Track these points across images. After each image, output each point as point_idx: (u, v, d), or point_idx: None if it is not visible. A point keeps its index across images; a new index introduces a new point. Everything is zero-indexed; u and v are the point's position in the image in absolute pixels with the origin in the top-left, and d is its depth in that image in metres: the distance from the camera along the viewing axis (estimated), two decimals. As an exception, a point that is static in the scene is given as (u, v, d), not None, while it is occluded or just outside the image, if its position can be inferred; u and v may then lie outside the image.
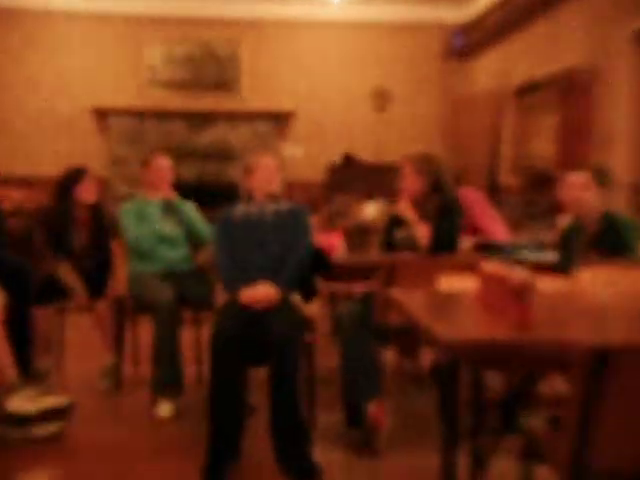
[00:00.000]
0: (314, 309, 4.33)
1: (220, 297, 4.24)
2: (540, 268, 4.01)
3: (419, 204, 4.38)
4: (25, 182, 10.51)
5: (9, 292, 4.62)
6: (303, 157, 10.96)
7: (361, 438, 4.02)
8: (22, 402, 4.05)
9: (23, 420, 4.04)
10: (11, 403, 4.05)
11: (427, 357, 5.02)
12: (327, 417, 4.31)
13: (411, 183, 4.40)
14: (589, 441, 2.11)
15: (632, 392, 2.09)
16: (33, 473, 3.84)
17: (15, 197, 8.02)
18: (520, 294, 2.53)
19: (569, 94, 7.56)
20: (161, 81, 10.89)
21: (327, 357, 4.55)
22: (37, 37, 10.72)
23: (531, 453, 2.59)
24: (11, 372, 4.14)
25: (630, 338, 2.51)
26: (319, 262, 4.28)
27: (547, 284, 3.33)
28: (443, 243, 4.29)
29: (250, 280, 4.00)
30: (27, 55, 10.72)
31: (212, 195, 9.61)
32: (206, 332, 3.94)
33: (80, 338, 5.78)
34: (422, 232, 4.33)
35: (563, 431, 2.17)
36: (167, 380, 4.51)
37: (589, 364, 2.04)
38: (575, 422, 2.11)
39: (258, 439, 3.88)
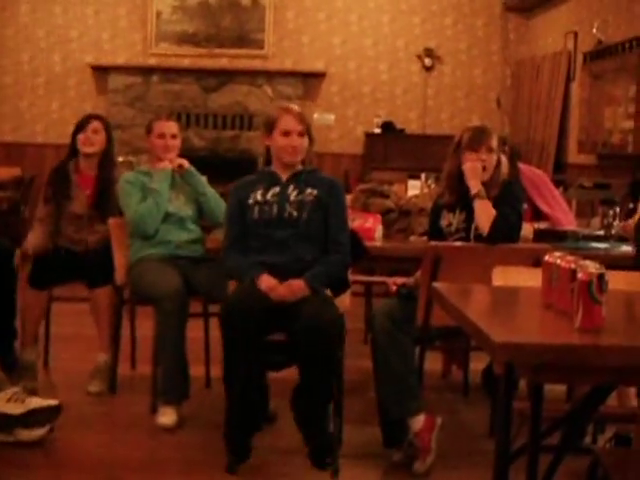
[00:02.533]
0: (345, 304, 4.33)
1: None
2: (613, 262, 4.00)
3: (484, 184, 4.34)
4: (13, 149, 10.65)
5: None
6: (336, 125, 10.95)
7: (402, 459, 4.03)
8: (5, 402, 4.10)
9: (6, 422, 4.08)
10: None
11: (479, 364, 5.01)
12: (360, 434, 4.33)
13: (496, 159, 4.36)
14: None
15: None
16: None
17: None
18: (590, 292, 2.52)
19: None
20: (170, 34, 10.92)
21: (358, 359, 4.55)
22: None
23: (596, 475, 2.59)
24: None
25: None
26: (352, 249, 4.26)
27: (619, 281, 3.31)
28: (506, 232, 4.24)
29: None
30: (17, 5, 10.77)
31: (226, 168, 9.62)
32: (217, 328, 3.96)
33: (72, 331, 5.84)
34: (486, 212, 4.24)
35: (634, 451, 2.17)
36: (170, 383, 4.53)
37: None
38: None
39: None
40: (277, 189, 4.18)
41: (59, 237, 5.20)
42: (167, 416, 4.46)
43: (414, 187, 6.46)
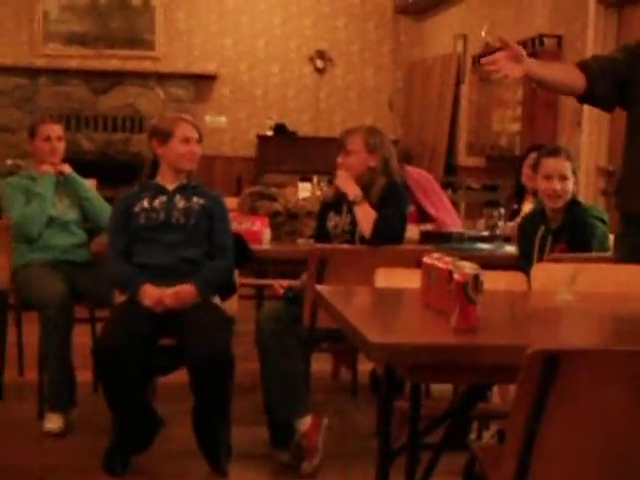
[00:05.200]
0: (233, 308, 4.37)
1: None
2: (495, 262, 4.11)
3: (363, 186, 4.41)
4: None
5: None
6: (228, 128, 10.96)
7: (289, 460, 4.07)
8: None
9: None
10: None
11: (368, 365, 5.08)
12: (249, 435, 4.36)
13: (359, 161, 4.41)
14: (535, 456, 2.19)
15: (584, 402, 2.17)
16: None
17: None
18: (465, 292, 2.58)
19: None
20: (59, 34, 10.79)
21: (248, 362, 4.58)
22: None
23: (472, 472, 2.66)
24: None
25: (585, 343, 2.58)
26: (238, 253, 4.31)
27: (501, 281, 3.40)
28: (388, 233, 4.32)
29: (153, 284, 4.04)
30: None
31: (117, 171, 9.57)
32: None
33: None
34: (366, 215, 4.34)
35: (507, 447, 2.25)
36: (56, 391, 4.51)
37: (538, 370, 2.11)
38: (520, 435, 2.18)
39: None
40: (164, 198, 4.21)
41: None
42: (53, 422, 4.44)
43: (305, 190, 6.50)
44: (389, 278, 3.50)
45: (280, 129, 10.88)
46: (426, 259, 2.94)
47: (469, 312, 2.58)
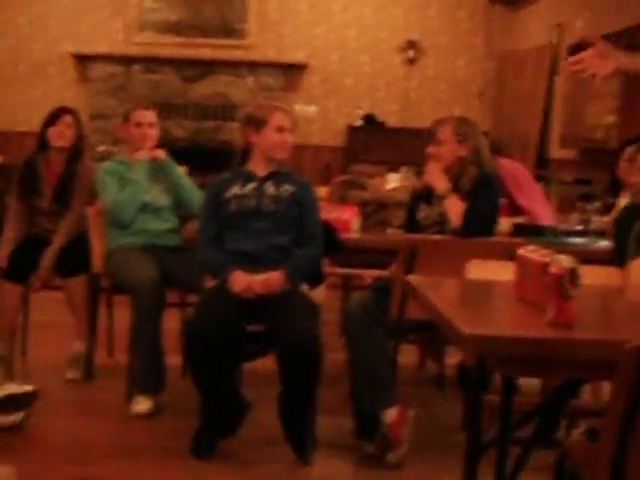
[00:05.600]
0: (320, 297, 4.37)
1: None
2: (589, 257, 4.04)
3: (453, 177, 4.37)
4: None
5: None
6: (317, 117, 10.97)
7: (374, 451, 4.05)
8: None
9: (-17, 407, 4.12)
10: None
11: (455, 358, 5.04)
12: (334, 425, 4.36)
13: (449, 151, 4.38)
14: (631, 456, 2.14)
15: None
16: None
17: None
18: (562, 286, 2.55)
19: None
20: (151, 23, 10.90)
21: (334, 352, 4.58)
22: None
23: (565, 469, 2.62)
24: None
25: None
26: (327, 241, 4.30)
27: (596, 276, 3.34)
28: (478, 224, 4.27)
29: (242, 270, 4.06)
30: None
31: (207, 158, 9.67)
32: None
33: (47, 319, 5.86)
34: (455, 207, 4.30)
35: (602, 444, 2.20)
36: (145, 374, 4.57)
37: (636, 366, 2.07)
38: (615, 434, 2.14)
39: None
40: (254, 184, 4.23)
41: (33, 228, 5.22)
42: (142, 404, 4.50)
43: (394, 180, 6.48)
44: (481, 270, 3.47)
45: (369, 119, 10.85)
46: (521, 251, 2.90)
47: (565, 306, 2.54)
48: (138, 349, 4.57)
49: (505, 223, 4.83)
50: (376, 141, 10.72)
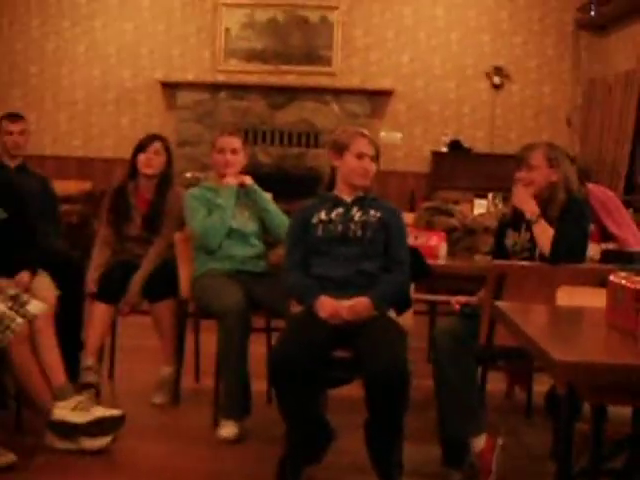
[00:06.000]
0: (408, 323, 4.34)
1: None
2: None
3: (542, 203, 4.32)
4: (83, 163, 10.86)
5: (59, 286, 4.78)
6: (402, 144, 10.97)
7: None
8: (70, 411, 4.19)
9: (71, 430, 4.18)
10: (59, 411, 4.19)
11: (543, 386, 4.97)
12: (421, 453, 4.32)
13: (541, 176, 4.33)
14: None
15: None
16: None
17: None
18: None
19: None
20: (239, 51, 11.03)
21: (420, 379, 4.55)
22: (100, 1, 10.97)
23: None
24: (60, 376, 4.28)
25: None
26: (415, 267, 4.28)
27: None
28: (568, 250, 4.21)
29: (329, 296, 4.05)
30: (90, 23, 10.97)
31: (292, 185, 9.71)
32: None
33: (135, 344, 5.94)
34: (545, 233, 4.24)
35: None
36: (232, 399, 4.59)
37: None
38: None
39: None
40: (341, 210, 4.22)
41: (122, 254, 5.30)
42: (228, 429, 4.52)
43: (481, 206, 6.44)
44: (571, 296, 3.43)
45: (455, 145, 10.81)
46: (613, 278, 2.86)
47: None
48: (224, 374, 4.60)
49: (594, 249, 4.76)
50: (461, 167, 10.66)
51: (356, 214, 4.20)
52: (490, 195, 6.35)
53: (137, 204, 5.31)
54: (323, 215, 4.21)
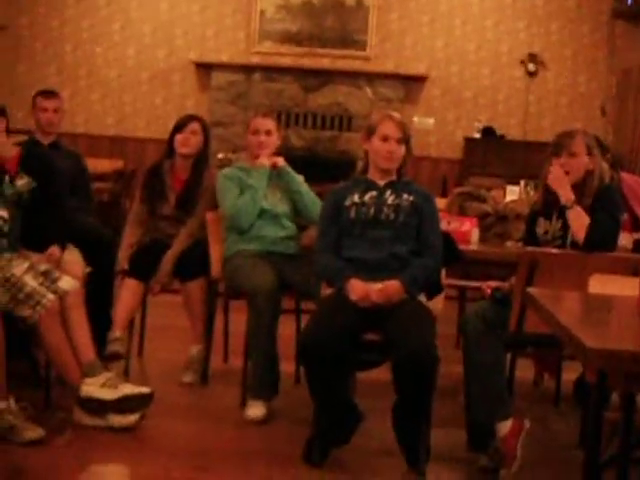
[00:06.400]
0: (438, 307, 4.34)
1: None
2: None
3: (576, 190, 4.29)
4: (115, 142, 10.91)
5: (90, 263, 4.81)
6: (435, 129, 10.93)
7: (487, 464, 4.01)
8: (99, 387, 4.22)
9: (100, 407, 4.20)
10: (87, 387, 4.22)
11: (572, 375, 4.96)
12: (448, 437, 4.33)
13: (582, 163, 4.29)
14: None
15: None
16: (108, 465, 4.06)
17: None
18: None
19: None
20: (273, 33, 11.01)
21: (449, 365, 4.55)
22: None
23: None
24: (89, 352, 4.31)
25: None
26: (446, 252, 4.27)
27: None
28: (602, 238, 4.18)
29: (360, 278, 4.05)
30: (125, 1, 10.99)
31: (324, 168, 9.70)
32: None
33: (165, 323, 5.96)
34: (579, 219, 4.20)
35: None
36: (260, 379, 4.60)
37: None
38: None
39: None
40: (374, 193, 4.22)
41: (154, 233, 5.31)
42: (256, 409, 4.52)
43: (513, 193, 6.42)
44: (604, 285, 3.41)
45: (488, 132, 10.76)
46: (647, 266, 2.84)
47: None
48: (253, 354, 4.61)
49: (626, 239, 4.73)
50: (494, 154, 10.62)
51: (389, 197, 4.20)
52: (522, 182, 6.33)
53: (172, 183, 5.32)
54: (356, 198, 4.20)
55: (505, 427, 3.93)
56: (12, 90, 10.42)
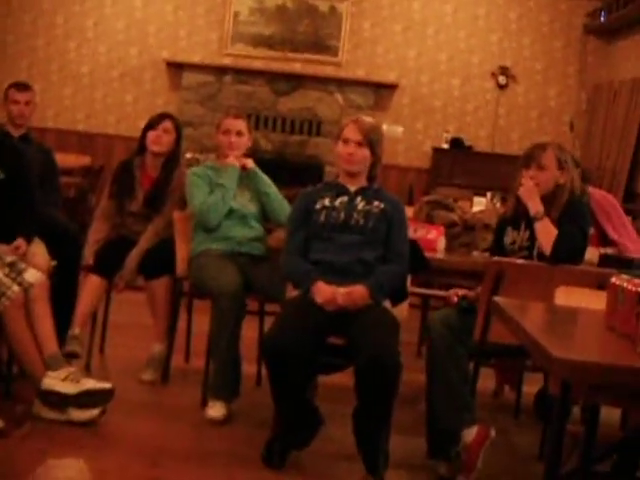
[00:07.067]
0: (403, 314, 4.33)
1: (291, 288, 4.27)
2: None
3: (545, 202, 4.30)
4: (84, 138, 10.83)
5: (55, 257, 4.76)
6: (404, 138, 10.93)
7: (445, 473, 4.00)
8: (60, 381, 4.18)
9: (60, 401, 4.17)
10: (49, 380, 4.18)
11: (532, 387, 4.97)
12: (407, 445, 4.32)
13: (551, 177, 4.30)
14: None
15: None
16: (66, 459, 4.01)
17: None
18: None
19: None
20: (246, 35, 10.97)
21: (410, 373, 4.54)
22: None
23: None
24: (52, 345, 4.27)
25: None
26: (413, 260, 4.26)
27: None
28: (568, 251, 4.19)
29: (326, 282, 4.04)
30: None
31: (294, 172, 9.69)
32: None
33: (127, 320, 5.92)
34: (547, 231, 4.20)
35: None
36: (221, 380, 4.57)
37: None
38: None
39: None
40: (345, 198, 4.22)
41: (121, 229, 5.28)
42: (216, 410, 4.50)
43: (479, 204, 6.43)
44: (569, 297, 3.41)
45: (456, 143, 10.78)
46: (615, 280, 2.84)
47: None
48: (215, 354, 4.58)
49: (592, 253, 4.74)
50: (461, 165, 10.63)
51: (359, 203, 4.20)
52: (489, 194, 6.34)
53: (141, 180, 5.30)
54: (327, 202, 4.20)
55: (470, 434, 3.92)
56: (-19, 81, 10.31)
